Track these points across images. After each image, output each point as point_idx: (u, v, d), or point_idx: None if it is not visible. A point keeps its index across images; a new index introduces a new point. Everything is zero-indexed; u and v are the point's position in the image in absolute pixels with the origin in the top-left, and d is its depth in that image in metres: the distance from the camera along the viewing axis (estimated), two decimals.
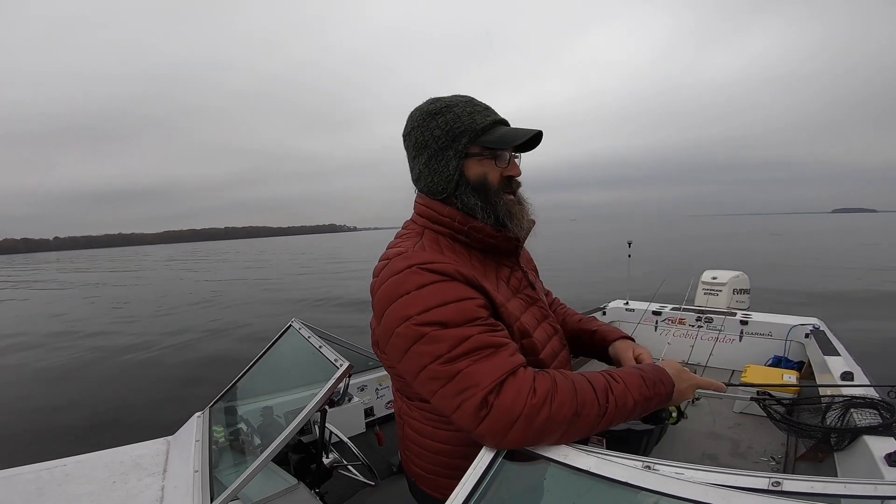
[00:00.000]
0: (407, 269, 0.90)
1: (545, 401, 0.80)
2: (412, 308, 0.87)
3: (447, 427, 1.01)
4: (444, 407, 0.86)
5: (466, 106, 1.01)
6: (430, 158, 1.02)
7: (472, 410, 0.80)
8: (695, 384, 1.02)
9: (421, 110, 1.03)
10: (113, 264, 48.82)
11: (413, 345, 0.86)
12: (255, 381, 1.95)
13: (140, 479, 1.49)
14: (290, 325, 1.89)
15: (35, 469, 1.51)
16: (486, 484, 0.75)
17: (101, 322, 12.49)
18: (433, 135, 1.00)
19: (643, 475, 0.68)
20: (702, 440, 2.62)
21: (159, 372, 7.33)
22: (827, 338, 2.88)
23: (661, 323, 3.88)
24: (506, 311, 0.98)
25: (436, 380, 0.85)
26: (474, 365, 0.82)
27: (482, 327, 0.87)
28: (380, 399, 2.74)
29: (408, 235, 1.04)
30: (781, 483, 0.63)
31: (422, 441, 1.07)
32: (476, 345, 0.84)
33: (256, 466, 1.29)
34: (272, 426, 1.65)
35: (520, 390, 0.80)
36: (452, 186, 1.01)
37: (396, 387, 1.13)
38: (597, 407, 0.83)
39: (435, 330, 0.84)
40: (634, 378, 0.91)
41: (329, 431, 1.88)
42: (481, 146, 1.00)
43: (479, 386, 0.80)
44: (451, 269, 0.91)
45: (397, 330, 0.88)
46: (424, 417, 1.05)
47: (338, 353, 1.50)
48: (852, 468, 1.47)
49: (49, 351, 9.35)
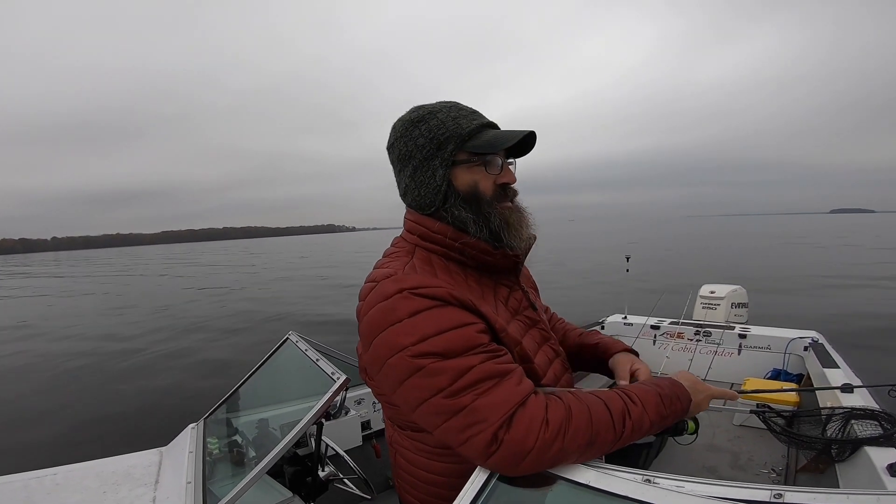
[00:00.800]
0: (397, 293, 0.83)
1: (559, 433, 0.76)
2: (406, 338, 0.80)
3: (442, 459, 0.97)
4: (450, 440, 0.80)
5: (451, 111, 0.95)
6: (415, 170, 0.96)
7: (481, 446, 0.76)
8: (710, 395, 0.99)
9: (403, 120, 0.97)
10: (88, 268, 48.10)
11: (409, 378, 0.80)
12: (252, 392, 1.94)
13: (131, 489, 1.47)
14: (287, 338, 1.89)
15: (24, 478, 1.49)
16: (492, 485, 0.74)
17: (88, 328, 12.39)
18: (417, 144, 0.94)
19: (643, 489, 0.68)
20: (702, 453, 2.60)
21: (150, 381, 7.27)
22: (826, 350, 2.88)
23: (659, 337, 3.87)
24: (506, 336, 0.92)
25: (439, 414, 0.79)
26: (480, 398, 0.77)
27: (484, 354, 0.81)
28: (377, 412, 2.72)
29: (397, 255, 0.98)
30: (783, 495, 0.62)
31: (414, 471, 1.02)
32: (480, 375, 0.78)
33: (251, 479, 1.28)
34: (268, 438, 1.64)
35: (531, 423, 0.75)
36: (441, 198, 0.94)
37: (387, 414, 1.06)
38: (612, 434, 0.80)
39: (433, 362, 0.79)
40: (652, 397, 0.87)
41: (325, 444, 1.86)
42: (469, 152, 0.93)
43: (488, 421, 0.75)
44: (444, 293, 0.84)
45: (389, 361, 0.82)
46: (416, 448, 0.99)
47: (335, 367, 1.50)
48: (854, 479, 1.47)
49: (35, 358, 9.27)
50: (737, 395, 1.07)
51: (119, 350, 9.68)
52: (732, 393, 1.06)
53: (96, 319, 14.22)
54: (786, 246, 30.06)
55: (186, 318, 13.08)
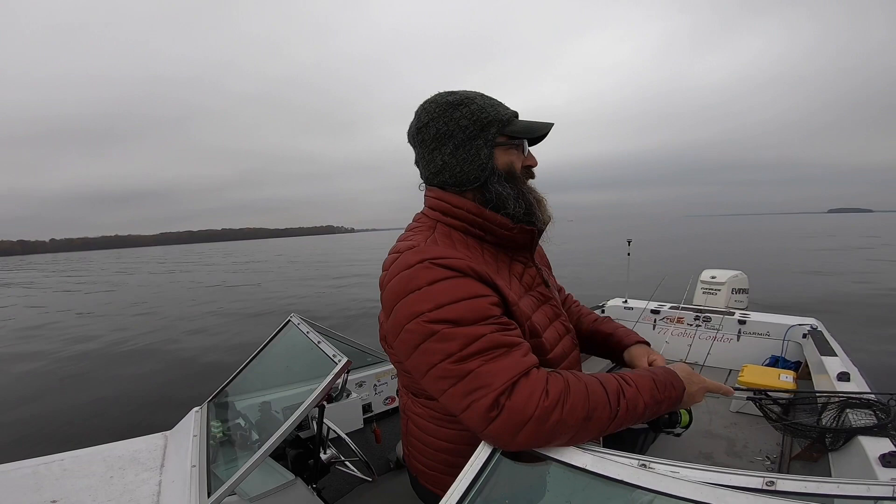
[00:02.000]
0: (418, 263, 0.88)
1: (557, 403, 0.79)
2: (423, 304, 0.85)
3: (451, 425, 1.01)
4: (453, 406, 0.84)
5: (486, 98, 1.02)
6: (456, 148, 1.00)
7: (482, 411, 0.79)
8: (704, 387, 1.01)
9: (438, 102, 1.02)
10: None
11: (423, 342, 0.85)
12: (253, 376, 1.95)
13: (137, 473, 1.49)
14: (289, 321, 1.89)
15: (33, 463, 1.51)
16: (483, 480, 0.76)
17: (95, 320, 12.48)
18: (459, 125, 0.99)
19: (639, 473, 0.69)
20: (698, 439, 2.63)
21: (156, 366, 7.34)
22: (824, 338, 2.88)
23: (659, 321, 3.88)
24: (517, 310, 0.96)
25: (445, 378, 0.83)
26: (486, 365, 0.81)
27: (495, 326, 0.85)
28: (378, 395, 2.74)
29: (419, 229, 1.02)
30: (775, 483, 0.63)
31: (425, 438, 1.07)
32: (488, 344, 0.82)
33: (254, 461, 1.29)
34: (270, 421, 1.65)
35: (532, 392, 0.79)
36: (486, 174, 1.00)
37: (403, 383, 1.13)
38: (608, 410, 0.82)
39: (446, 328, 0.83)
40: (646, 381, 0.90)
41: (327, 427, 1.88)
42: (507, 136, 1.01)
43: (491, 387, 0.79)
44: (463, 264, 0.89)
45: (407, 326, 0.87)
46: (428, 415, 1.05)
47: (336, 349, 1.50)
48: (846, 468, 1.48)
49: (44, 350, 9.35)
50: (732, 391, 1.08)
51: (123, 337, 9.77)
52: (728, 388, 1.06)
53: (103, 310, 14.34)
54: (784, 246, 30.06)
55: (188, 312, 13.16)
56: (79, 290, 21.90)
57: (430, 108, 1.02)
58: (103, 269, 36.24)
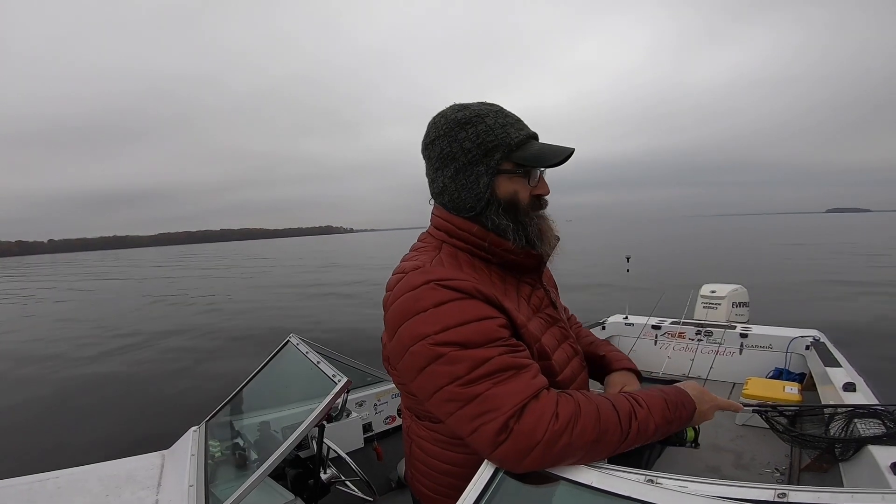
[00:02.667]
0: (424, 284, 0.86)
1: (567, 427, 0.77)
2: (429, 326, 0.83)
3: (456, 449, 0.99)
4: (460, 429, 0.82)
5: (498, 117, 0.95)
6: (457, 172, 0.96)
7: (491, 435, 0.77)
8: (715, 405, 0.99)
9: (447, 118, 0.96)
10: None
11: (429, 365, 0.83)
12: (253, 395, 1.94)
13: (134, 492, 1.47)
14: (288, 341, 1.88)
15: (27, 481, 1.49)
16: (486, 500, 0.74)
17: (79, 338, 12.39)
18: (462, 147, 0.94)
19: (646, 489, 0.67)
20: (704, 453, 2.59)
21: (154, 385, 7.27)
22: (828, 349, 2.87)
23: (660, 337, 3.86)
24: (526, 332, 0.93)
25: (452, 402, 0.81)
26: (495, 388, 0.79)
27: (503, 348, 0.83)
28: (378, 414, 2.72)
29: (424, 249, 1.00)
30: (787, 494, 0.62)
31: (429, 461, 1.04)
32: (497, 367, 0.80)
33: (253, 481, 1.28)
34: (269, 441, 1.63)
35: (542, 415, 0.77)
36: (482, 205, 0.96)
37: (406, 405, 1.10)
38: (619, 433, 0.81)
39: (454, 350, 0.81)
40: (658, 401, 0.88)
41: (327, 447, 1.86)
42: (514, 163, 0.95)
43: (500, 410, 0.77)
44: (470, 286, 0.87)
45: (412, 349, 0.85)
46: (433, 438, 1.02)
47: (335, 369, 1.50)
48: (858, 478, 1.46)
49: (35, 365, 9.27)
50: (741, 407, 1.07)
51: (120, 353, 9.69)
52: (738, 405, 1.05)
53: (96, 322, 14.24)
54: (784, 246, 30.08)
55: (188, 322, 13.10)
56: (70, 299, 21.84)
57: (440, 124, 0.97)
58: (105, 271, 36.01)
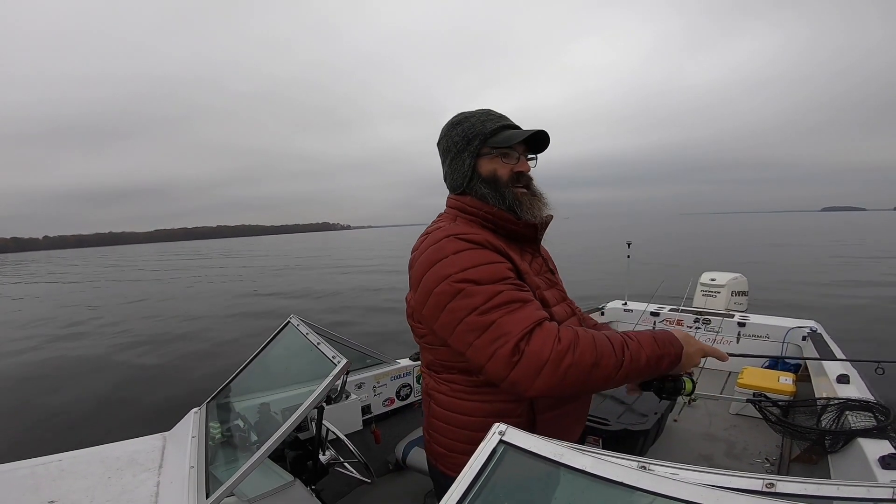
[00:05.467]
0: (445, 238, 1.06)
1: (569, 348, 0.91)
2: (450, 268, 1.01)
3: (473, 397, 1.13)
4: (479, 356, 0.97)
5: (482, 115, 1.18)
6: (452, 161, 1.21)
7: (505, 356, 0.92)
8: (701, 349, 1.10)
9: (448, 122, 1.23)
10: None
11: (451, 301, 1.00)
12: (253, 377, 1.95)
13: (135, 474, 1.49)
14: (289, 322, 1.89)
15: (30, 464, 1.51)
16: (489, 469, 0.76)
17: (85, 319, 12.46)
18: (453, 141, 1.20)
19: (638, 475, 0.68)
20: (698, 441, 2.63)
21: (154, 367, 7.33)
22: (824, 340, 2.89)
23: (659, 324, 3.88)
24: (529, 279, 1.12)
25: (472, 331, 0.97)
26: (506, 316, 0.95)
27: (511, 285, 1.01)
28: (377, 397, 2.74)
29: (442, 219, 1.20)
30: (775, 484, 0.63)
31: (447, 416, 1.18)
32: (507, 299, 0.97)
33: (252, 463, 1.29)
34: (269, 422, 1.65)
35: (546, 338, 0.92)
36: (467, 181, 1.19)
37: (426, 362, 1.24)
38: (614, 358, 0.95)
39: (470, 286, 0.98)
40: (647, 337, 1.02)
41: (326, 428, 1.88)
42: (490, 146, 1.17)
43: (512, 334, 0.93)
44: (482, 238, 1.07)
45: (436, 290, 1.02)
46: (451, 390, 1.16)
47: (335, 350, 1.50)
48: (846, 470, 1.48)
49: (37, 346, 9.34)
50: (727, 356, 1.14)
51: (121, 336, 9.75)
52: (723, 353, 1.13)
53: (99, 309, 14.31)
54: (782, 244, 30.00)
55: (188, 310, 13.14)
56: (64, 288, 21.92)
57: (444, 127, 1.23)
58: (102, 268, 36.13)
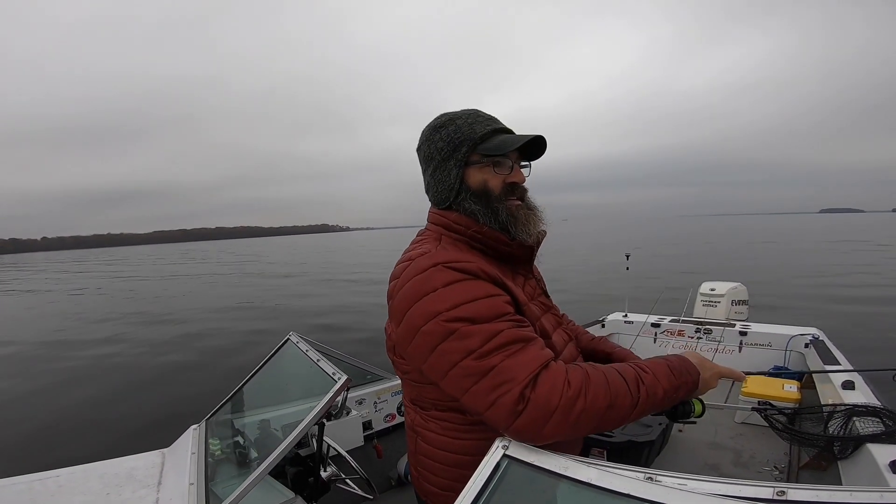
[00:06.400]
0: (432, 267, 0.91)
1: (580, 392, 0.80)
2: (440, 304, 0.86)
3: (466, 435, 1.00)
4: (478, 404, 0.84)
5: (469, 117, 1.03)
6: (434, 170, 1.05)
7: (509, 405, 0.79)
8: (717, 372, 1.02)
9: (429, 126, 1.07)
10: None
11: (442, 342, 0.86)
12: (253, 393, 1.94)
13: (134, 490, 1.47)
14: (288, 339, 1.88)
15: (28, 479, 1.49)
16: (493, 484, 0.75)
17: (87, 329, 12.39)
18: (437, 147, 1.03)
19: (645, 487, 0.67)
20: (703, 450, 2.59)
21: (152, 383, 7.26)
22: (827, 347, 2.87)
23: (660, 335, 3.87)
24: (528, 310, 0.99)
25: (469, 377, 0.84)
26: (508, 359, 0.82)
27: (511, 322, 0.87)
28: (378, 412, 2.72)
29: (425, 240, 1.05)
30: (786, 492, 0.62)
31: (437, 454, 1.04)
32: (508, 339, 0.84)
33: (253, 479, 1.28)
34: (269, 439, 1.63)
35: (555, 383, 0.80)
36: (453, 195, 1.03)
37: (410, 397, 1.09)
38: (630, 398, 0.84)
39: (465, 326, 0.84)
40: (662, 368, 0.91)
41: (327, 445, 1.86)
42: (480, 154, 1.02)
43: (515, 380, 0.80)
44: (475, 268, 0.92)
45: (424, 328, 0.87)
46: (441, 427, 1.02)
47: (335, 367, 1.50)
48: (856, 476, 1.46)
49: (38, 361, 9.27)
50: (744, 376, 1.10)
51: (119, 351, 9.69)
52: (740, 373, 1.08)
53: (97, 320, 14.22)
54: (780, 245, 30.08)
55: (190, 319, 13.09)
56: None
57: (424, 131, 1.07)
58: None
